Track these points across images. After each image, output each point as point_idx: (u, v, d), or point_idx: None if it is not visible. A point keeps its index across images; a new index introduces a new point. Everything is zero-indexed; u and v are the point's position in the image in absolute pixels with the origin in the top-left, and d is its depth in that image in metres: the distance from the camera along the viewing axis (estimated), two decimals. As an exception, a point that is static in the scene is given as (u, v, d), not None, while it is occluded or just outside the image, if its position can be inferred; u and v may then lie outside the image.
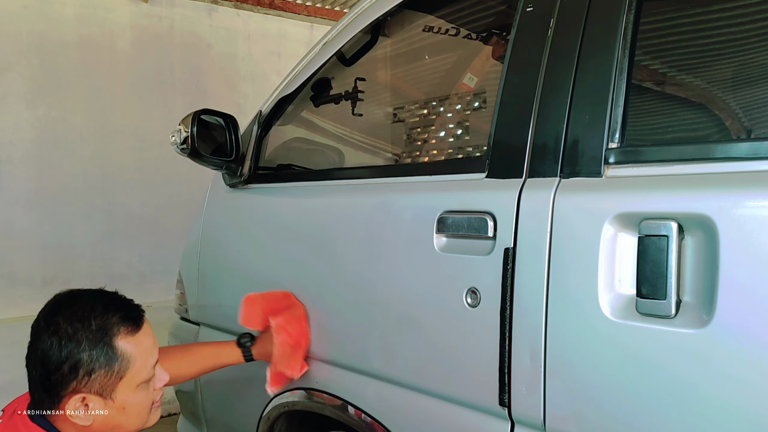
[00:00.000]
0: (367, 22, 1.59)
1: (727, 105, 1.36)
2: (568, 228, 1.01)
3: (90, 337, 1.11)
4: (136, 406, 1.16)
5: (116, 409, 1.14)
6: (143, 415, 1.19)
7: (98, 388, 1.12)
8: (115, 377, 1.13)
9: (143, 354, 1.17)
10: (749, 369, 0.83)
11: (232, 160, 1.79)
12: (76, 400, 1.11)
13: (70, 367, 1.10)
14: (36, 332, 1.14)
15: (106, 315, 1.14)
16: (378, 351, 1.36)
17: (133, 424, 1.17)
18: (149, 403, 1.21)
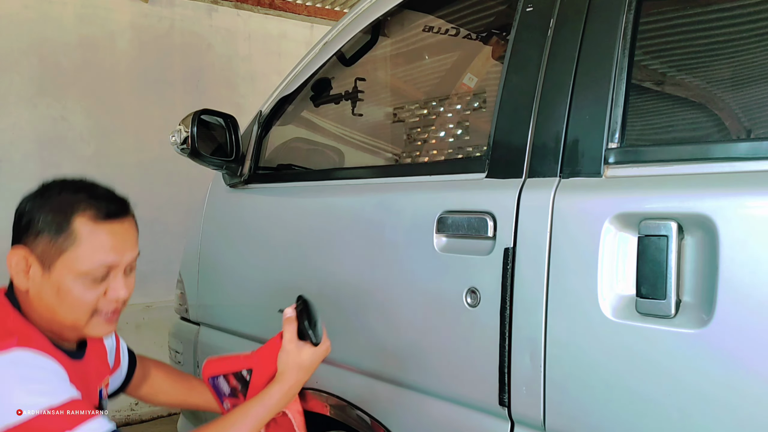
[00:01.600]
0: (367, 22, 1.59)
1: (727, 105, 1.36)
2: (568, 228, 1.01)
3: (55, 203, 1.10)
4: (71, 295, 1.09)
5: (51, 287, 1.08)
6: (78, 311, 1.10)
7: (40, 253, 1.09)
8: (56, 249, 1.08)
9: (95, 245, 1.09)
10: (749, 369, 0.83)
11: (232, 160, 1.79)
12: (19, 254, 1.09)
13: (27, 221, 1.10)
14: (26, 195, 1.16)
15: (82, 193, 1.12)
16: (378, 351, 1.36)
17: (66, 315, 1.10)
18: (89, 303, 1.11)
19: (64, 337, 1.15)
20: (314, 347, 1.21)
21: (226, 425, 1.14)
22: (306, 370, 1.21)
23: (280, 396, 1.19)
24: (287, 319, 1.23)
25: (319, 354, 1.22)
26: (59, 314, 1.10)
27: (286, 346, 1.20)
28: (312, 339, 1.19)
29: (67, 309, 1.09)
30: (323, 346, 1.23)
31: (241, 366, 1.31)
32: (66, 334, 1.14)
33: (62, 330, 1.13)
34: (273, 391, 1.19)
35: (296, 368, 1.20)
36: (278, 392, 1.19)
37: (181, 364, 2.08)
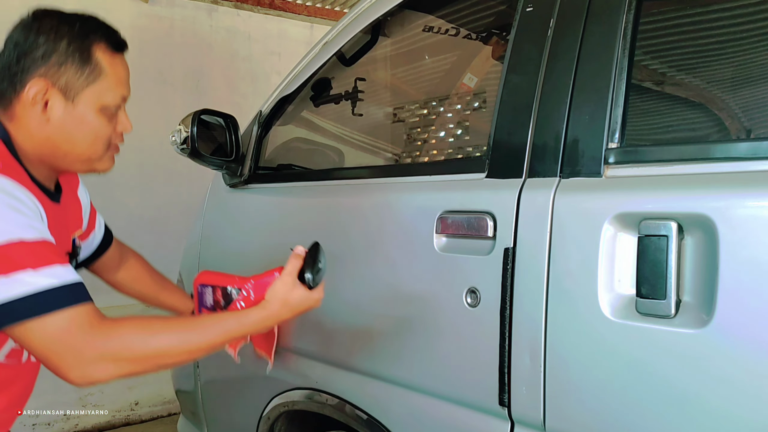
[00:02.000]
0: (367, 22, 1.59)
1: (727, 105, 1.36)
2: (568, 228, 1.01)
3: (72, 34, 1.08)
4: (94, 127, 1.10)
5: (73, 119, 1.08)
6: (96, 144, 1.11)
7: (63, 85, 1.07)
8: (83, 80, 1.08)
9: (116, 77, 1.12)
10: (749, 369, 0.83)
11: (232, 160, 1.79)
12: (40, 85, 1.06)
13: (44, 52, 1.06)
14: (16, 24, 1.11)
15: (92, 24, 1.11)
16: (378, 351, 1.36)
17: (86, 148, 1.11)
18: (106, 138, 1.13)
19: (59, 170, 1.15)
20: (308, 290, 1.16)
21: (196, 324, 1.09)
22: (291, 308, 1.15)
23: (257, 320, 1.13)
24: (295, 255, 1.18)
25: (310, 299, 1.17)
26: (79, 147, 1.10)
27: (283, 278, 1.15)
28: (309, 282, 1.16)
29: (88, 141, 1.10)
30: (316, 294, 1.18)
31: (231, 283, 1.29)
32: (76, 167, 1.15)
33: (74, 164, 1.13)
34: (252, 314, 1.13)
35: (282, 301, 1.14)
36: (257, 316, 1.13)
37: (181, 364, 2.08)
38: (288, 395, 1.60)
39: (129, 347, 0.97)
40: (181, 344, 1.02)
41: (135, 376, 0.99)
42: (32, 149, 1.09)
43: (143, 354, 0.98)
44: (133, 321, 0.99)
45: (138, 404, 3.75)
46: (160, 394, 3.80)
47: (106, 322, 0.97)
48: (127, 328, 0.98)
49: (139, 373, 0.99)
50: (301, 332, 1.58)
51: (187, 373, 2.04)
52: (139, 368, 0.99)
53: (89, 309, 0.97)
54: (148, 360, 0.99)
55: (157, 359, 0.99)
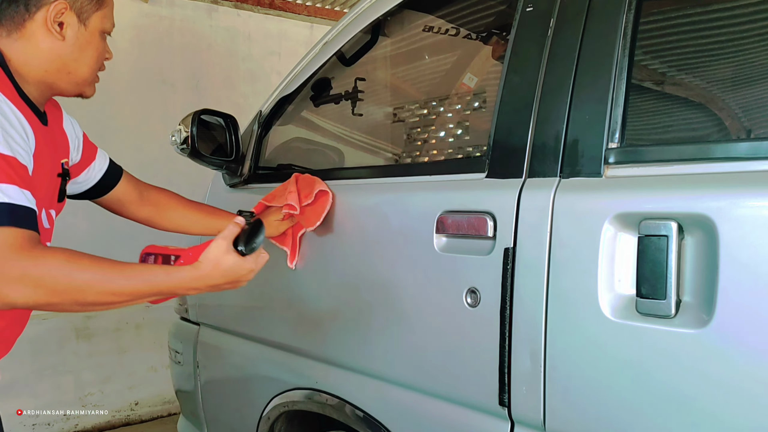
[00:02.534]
0: (367, 22, 1.59)
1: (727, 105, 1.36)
2: (568, 228, 1.01)
3: None
4: (97, 49, 1.23)
5: (84, 40, 1.20)
6: (95, 65, 1.24)
7: (79, 8, 1.18)
8: (94, 5, 1.20)
9: (112, 6, 1.25)
10: (749, 369, 0.83)
11: (232, 160, 1.79)
12: (60, 5, 1.16)
13: None
14: None
15: None
16: (378, 351, 1.36)
17: (86, 68, 1.22)
18: (102, 60, 1.26)
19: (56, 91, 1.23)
20: (240, 258, 1.14)
21: (124, 267, 1.05)
22: (222, 272, 1.13)
23: (186, 278, 1.11)
24: (234, 223, 1.17)
25: (242, 268, 1.14)
26: (84, 66, 1.21)
27: (218, 241, 1.14)
28: (242, 250, 1.14)
29: (89, 63, 1.22)
30: (248, 264, 1.15)
31: (173, 252, 1.29)
32: (68, 89, 1.23)
33: (69, 86, 1.22)
34: (182, 271, 1.11)
35: (214, 263, 1.12)
36: (187, 274, 1.11)
37: (181, 364, 2.08)
38: (288, 395, 1.60)
39: (52, 275, 0.96)
40: (104, 283, 1.01)
41: (50, 308, 0.99)
42: (37, 67, 1.17)
43: (65, 285, 0.97)
44: (63, 252, 0.99)
45: (138, 404, 3.75)
46: (160, 394, 3.80)
47: (37, 248, 0.97)
48: (56, 257, 0.97)
49: (56, 305, 0.99)
50: (302, 332, 1.58)
51: (187, 373, 2.04)
52: (57, 299, 0.97)
53: (26, 234, 0.97)
54: (68, 292, 0.98)
55: (76, 293, 0.99)
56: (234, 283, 1.16)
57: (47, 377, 3.42)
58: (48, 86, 1.21)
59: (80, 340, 3.60)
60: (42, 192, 1.16)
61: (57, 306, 0.99)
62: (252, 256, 1.15)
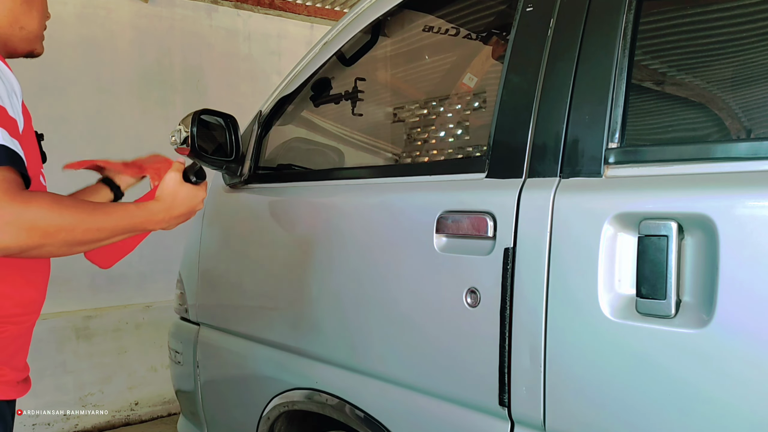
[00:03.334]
0: (367, 22, 1.59)
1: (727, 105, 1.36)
2: (568, 228, 1.01)
3: None
4: (40, 3, 1.29)
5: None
6: (43, 21, 1.31)
7: None
8: None
9: None
10: (749, 369, 0.83)
11: (232, 160, 1.79)
12: None
13: None
14: None
15: None
16: (378, 351, 1.36)
17: (36, 23, 1.28)
18: (46, 14, 1.33)
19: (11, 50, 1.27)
20: (193, 186, 1.28)
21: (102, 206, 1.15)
22: (180, 200, 1.25)
23: (155, 210, 1.22)
24: (177, 162, 1.31)
25: (196, 196, 1.28)
26: (34, 21, 1.27)
27: (169, 175, 1.26)
28: (194, 180, 1.28)
29: (38, 16, 1.28)
30: (201, 193, 1.29)
31: None
32: (21, 47, 1.28)
33: (21, 43, 1.27)
34: (150, 204, 1.22)
35: (172, 194, 1.24)
36: (154, 206, 1.22)
37: (181, 364, 2.08)
38: (288, 395, 1.60)
39: (44, 217, 0.99)
40: (89, 222, 1.07)
41: (38, 251, 1.01)
42: None
43: (55, 226, 1.01)
44: (48, 195, 1.03)
45: (138, 404, 3.75)
46: (160, 394, 3.81)
47: (26, 192, 1.00)
48: (43, 200, 1.01)
49: (45, 246, 1.01)
50: (302, 332, 1.58)
51: (187, 373, 2.04)
52: (48, 240, 1.01)
53: (17, 178, 1.00)
54: (57, 233, 1.01)
55: (65, 233, 1.02)
56: (191, 212, 1.29)
57: (47, 377, 3.42)
58: (2, 44, 1.23)
59: (80, 340, 3.60)
60: (32, 150, 1.19)
61: (45, 248, 1.02)
62: (202, 185, 1.30)
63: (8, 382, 1.18)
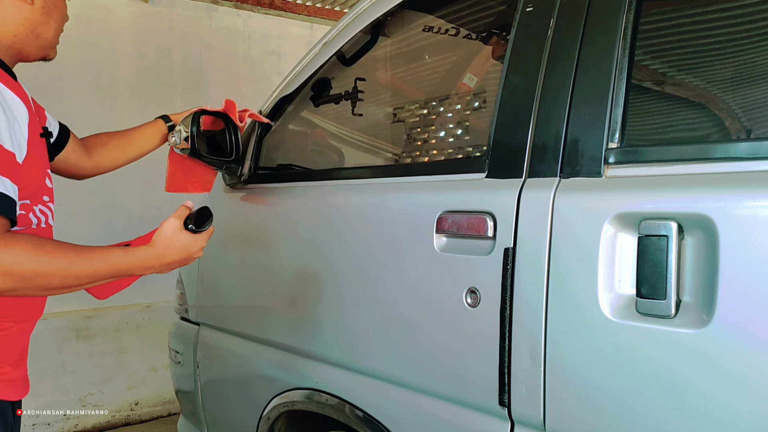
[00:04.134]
0: (367, 22, 1.59)
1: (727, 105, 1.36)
2: (568, 228, 1.01)
3: None
4: (63, 12, 1.29)
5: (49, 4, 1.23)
6: (60, 28, 1.29)
7: None
8: None
9: None
10: (749, 369, 0.83)
11: (232, 160, 1.79)
12: None
13: None
14: None
15: None
16: (378, 351, 1.36)
17: (53, 31, 1.27)
18: (64, 22, 1.31)
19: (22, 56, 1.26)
20: (191, 235, 1.21)
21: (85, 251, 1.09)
22: (175, 249, 1.20)
23: (143, 257, 1.16)
24: (184, 206, 1.25)
25: (194, 245, 1.22)
26: (51, 29, 1.26)
27: (169, 221, 1.20)
28: (192, 229, 1.21)
29: (56, 26, 1.27)
30: (200, 242, 1.23)
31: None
32: (35, 54, 1.27)
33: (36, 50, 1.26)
34: (139, 250, 1.17)
35: (167, 243, 1.19)
36: (143, 254, 1.16)
37: (181, 364, 2.08)
38: (288, 395, 1.60)
39: (20, 262, 0.97)
40: (68, 268, 1.04)
41: (13, 293, 1.00)
42: (7, 33, 1.19)
43: (32, 272, 0.99)
44: (28, 239, 1.01)
45: (138, 404, 3.75)
46: (160, 394, 3.81)
47: (6, 235, 0.98)
48: (23, 245, 0.99)
49: (20, 290, 1.00)
50: (302, 332, 1.58)
51: (187, 373, 2.04)
52: (22, 284, 0.99)
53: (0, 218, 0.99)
54: (34, 278, 1.00)
55: (42, 279, 1.01)
56: (186, 260, 1.22)
57: (47, 377, 3.42)
58: (17, 52, 1.23)
59: (80, 341, 3.60)
60: (39, 156, 1.19)
61: (20, 290, 1.00)
62: (203, 234, 1.23)
63: (9, 381, 1.18)
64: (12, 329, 1.17)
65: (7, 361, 1.17)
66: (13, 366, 1.19)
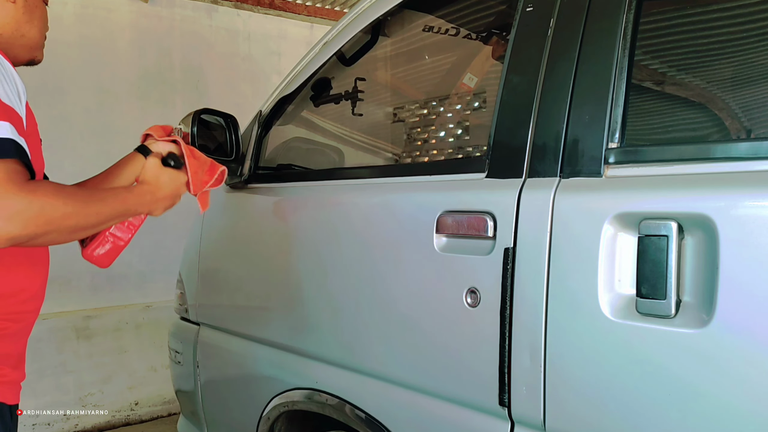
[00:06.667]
0: (367, 22, 1.59)
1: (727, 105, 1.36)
2: (568, 228, 1.01)
3: None
4: (44, 13, 1.30)
5: (30, 4, 1.25)
6: (43, 29, 1.30)
7: None
8: None
9: None
10: (749, 369, 0.83)
11: (232, 160, 1.79)
12: None
13: None
14: None
15: None
16: (378, 351, 1.36)
17: (36, 31, 1.28)
18: (47, 23, 1.33)
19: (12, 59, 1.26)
20: (174, 170, 1.33)
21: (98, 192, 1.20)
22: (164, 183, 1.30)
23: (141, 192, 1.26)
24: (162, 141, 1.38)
25: (178, 179, 1.33)
26: (34, 29, 1.27)
27: (149, 161, 1.32)
28: (173, 163, 1.34)
29: (39, 25, 1.29)
30: (182, 176, 1.33)
31: None
32: (22, 55, 1.28)
33: (22, 51, 1.27)
34: (137, 188, 1.27)
35: (155, 177, 1.29)
36: (140, 189, 1.26)
37: (181, 364, 2.08)
38: (288, 395, 1.60)
39: (48, 207, 1.02)
40: (87, 208, 1.11)
41: (40, 239, 1.04)
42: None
43: (58, 214, 1.04)
44: (50, 185, 1.07)
45: (138, 404, 3.75)
46: (160, 394, 3.81)
47: (30, 183, 1.03)
48: (47, 189, 1.04)
49: (49, 233, 1.04)
50: (302, 332, 1.58)
51: (187, 373, 2.04)
52: (51, 228, 1.04)
53: (24, 170, 1.03)
54: (60, 220, 1.05)
55: (67, 220, 1.07)
56: (175, 195, 1.33)
57: (47, 377, 3.42)
58: (4, 53, 1.23)
59: (80, 340, 3.60)
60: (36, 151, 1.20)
61: (51, 235, 1.05)
62: (182, 170, 1.34)
63: (7, 383, 1.18)
64: (10, 329, 1.17)
65: (6, 362, 1.17)
66: (12, 368, 1.19)
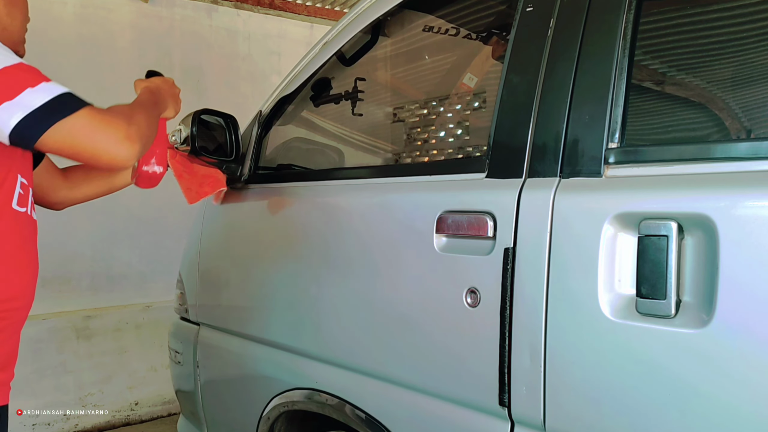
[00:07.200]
0: (367, 22, 1.59)
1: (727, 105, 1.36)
2: (568, 228, 1.01)
3: None
4: (23, 4, 1.31)
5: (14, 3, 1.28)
6: (24, 21, 1.32)
7: None
8: None
9: None
10: (749, 369, 0.83)
11: (232, 160, 1.79)
12: None
13: None
14: None
15: None
16: (378, 351, 1.36)
17: (17, 25, 1.29)
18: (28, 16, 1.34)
19: None
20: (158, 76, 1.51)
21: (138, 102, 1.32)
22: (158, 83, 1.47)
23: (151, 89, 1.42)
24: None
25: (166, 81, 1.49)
26: (15, 22, 1.29)
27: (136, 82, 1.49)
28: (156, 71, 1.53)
29: (21, 18, 1.31)
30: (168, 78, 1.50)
31: None
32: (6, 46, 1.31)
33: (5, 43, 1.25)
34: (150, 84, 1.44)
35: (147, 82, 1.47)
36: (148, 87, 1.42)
37: (181, 364, 2.08)
38: (288, 395, 1.60)
39: (140, 125, 1.15)
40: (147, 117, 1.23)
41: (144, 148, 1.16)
42: None
43: (144, 127, 1.16)
44: (121, 108, 1.19)
45: (138, 404, 3.75)
46: (160, 394, 3.81)
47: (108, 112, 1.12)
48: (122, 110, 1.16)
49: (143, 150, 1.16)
50: (302, 332, 1.58)
51: (187, 373, 2.04)
52: (145, 141, 1.16)
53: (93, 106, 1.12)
54: (144, 132, 1.16)
55: (144, 129, 1.17)
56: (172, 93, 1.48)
57: (47, 377, 3.42)
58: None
59: (80, 340, 3.60)
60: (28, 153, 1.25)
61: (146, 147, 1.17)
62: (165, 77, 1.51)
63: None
64: None
65: None
66: (0, 369, 1.18)
